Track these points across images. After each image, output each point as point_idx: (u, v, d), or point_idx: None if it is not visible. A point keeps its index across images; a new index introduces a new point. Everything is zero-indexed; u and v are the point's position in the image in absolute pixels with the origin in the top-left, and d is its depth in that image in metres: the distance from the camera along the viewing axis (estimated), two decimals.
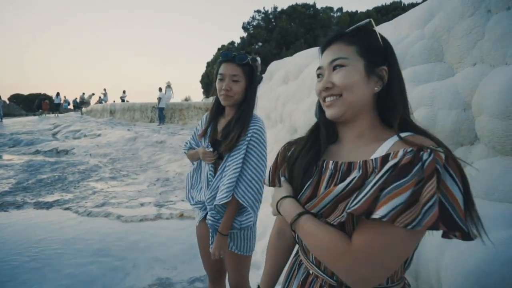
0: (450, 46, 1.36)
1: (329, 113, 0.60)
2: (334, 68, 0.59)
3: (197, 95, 30.27)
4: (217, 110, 1.26)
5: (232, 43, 18.17)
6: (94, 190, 4.14)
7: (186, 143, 1.41)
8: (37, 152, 6.96)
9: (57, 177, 4.77)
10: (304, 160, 0.63)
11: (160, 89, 10.67)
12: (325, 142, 0.64)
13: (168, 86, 11.59)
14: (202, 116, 1.39)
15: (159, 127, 9.67)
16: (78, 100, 18.03)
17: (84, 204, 3.56)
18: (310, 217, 0.56)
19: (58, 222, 3.08)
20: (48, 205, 3.56)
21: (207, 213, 1.26)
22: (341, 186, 0.53)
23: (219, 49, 17.96)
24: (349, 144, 0.61)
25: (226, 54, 1.18)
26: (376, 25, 0.61)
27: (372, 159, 0.53)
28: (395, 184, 0.46)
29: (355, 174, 0.53)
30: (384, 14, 15.17)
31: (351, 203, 0.50)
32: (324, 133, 0.65)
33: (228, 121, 1.21)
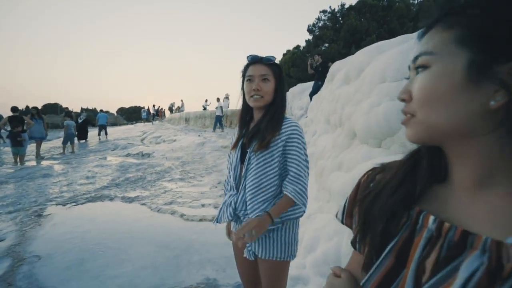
0: None
1: (406, 133, 0.40)
2: (417, 70, 0.39)
3: None
4: (245, 117, 1.22)
5: (298, 47, 18.03)
6: (165, 189, 4.66)
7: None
8: (128, 155, 8.33)
9: (139, 177, 5.58)
10: (391, 199, 0.42)
11: (218, 100, 12.15)
12: (424, 178, 0.41)
13: (226, 97, 13.56)
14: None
15: (225, 133, 10.32)
16: (161, 109, 21.17)
17: (156, 201, 4.04)
18: None
19: (135, 215, 3.57)
20: (131, 200, 4.17)
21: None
22: None
23: (284, 55, 18.10)
24: (466, 190, 0.37)
25: (254, 57, 1.17)
26: None
27: None
28: None
29: (475, 261, 0.31)
30: None
31: None
32: (425, 164, 0.42)
33: (257, 122, 1.16)
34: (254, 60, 1.16)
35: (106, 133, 13.23)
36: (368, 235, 0.45)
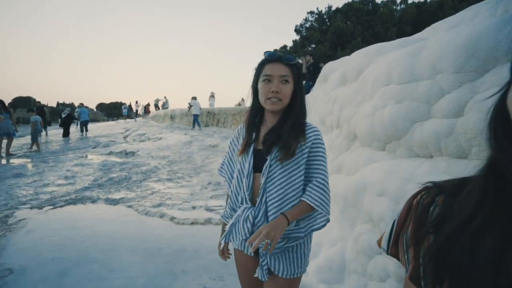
0: None
1: None
2: None
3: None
4: (255, 119, 1.11)
5: (284, 47, 18.08)
6: (152, 191, 4.43)
7: (222, 164, 1.24)
8: (110, 153, 7.92)
9: (123, 177, 5.28)
10: (492, 236, 0.33)
11: (195, 98, 11.91)
12: None
13: (212, 96, 13.92)
14: (236, 128, 1.23)
15: (212, 131, 10.11)
16: (144, 106, 20.53)
17: (143, 204, 3.82)
18: None
19: (121, 219, 3.35)
20: (115, 202, 3.91)
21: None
22: None
23: None
24: None
25: (272, 54, 1.05)
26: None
27: None
28: None
29: None
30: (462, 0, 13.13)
31: None
32: None
33: (274, 127, 1.05)
34: (272, 58, 1.05)
35: (86, 130, 12.58)
36: (449, 281, 0.35)
